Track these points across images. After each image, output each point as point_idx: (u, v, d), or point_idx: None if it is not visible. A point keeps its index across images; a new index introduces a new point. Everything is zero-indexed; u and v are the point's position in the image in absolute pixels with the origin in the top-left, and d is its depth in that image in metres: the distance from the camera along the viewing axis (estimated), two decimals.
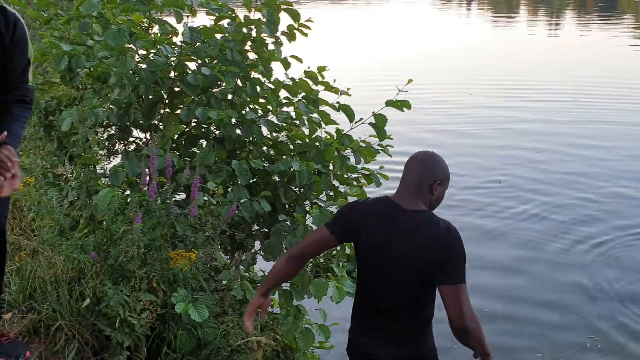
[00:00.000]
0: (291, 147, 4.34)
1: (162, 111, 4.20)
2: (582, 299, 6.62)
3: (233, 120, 4.07)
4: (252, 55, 4.24)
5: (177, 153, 3.93)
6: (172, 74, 4.06)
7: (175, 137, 4.23)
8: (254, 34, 4.19)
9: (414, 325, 2.92)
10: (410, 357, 2.92)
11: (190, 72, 4.01)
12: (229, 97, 4.22)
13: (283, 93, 4.39)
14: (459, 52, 26.84)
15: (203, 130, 4.24)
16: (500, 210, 9.03)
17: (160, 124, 4.18)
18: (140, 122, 4.13)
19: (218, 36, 4.14)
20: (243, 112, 4.16)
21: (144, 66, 3.90)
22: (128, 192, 3.82)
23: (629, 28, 34.47)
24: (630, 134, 13.65)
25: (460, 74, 20.82)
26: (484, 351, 2.83)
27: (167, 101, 4.18)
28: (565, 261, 7.49)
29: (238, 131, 4.05)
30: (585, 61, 23.93)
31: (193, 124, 4.27)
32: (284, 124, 4.34)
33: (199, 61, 4.12)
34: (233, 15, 4.22)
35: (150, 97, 4.07)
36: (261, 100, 4.30)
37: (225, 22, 4.23)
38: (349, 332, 3.07)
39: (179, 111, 4.08)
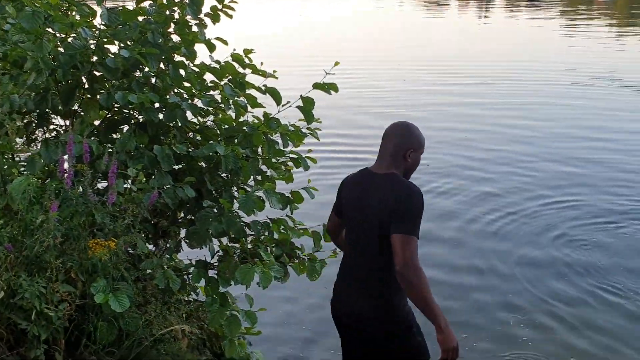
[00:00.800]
0: (218, 131, 4.19)
1: (83, 97, 4.01)
2: (491, 264, 6.84)
3: (156, 104, 3.90)
4: (175, 38, 4.07)
5: (97, 139, 3.74)
6: (93, 58, 3.86)
7: (97, 123, 4.03)
8: (176, 16, 4.02)
9: (378, 275, 3.16)
10: (373, 305, 3.18)
11: (111, 55, 3.82)
12: (153, 80, 4.04)
13: (209, 77, 4.23)
14: (391, 36, 27.05)
15: (125, 115, 4.05)
16: (425, 188, 9.17)
17: (81, 109, 3.98)
18: (60, 108, 3.93)
19: (140, 19, 3.95)
20: (167, 96, 3.99)
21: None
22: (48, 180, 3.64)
23: (554, 16, 35.28)
24: (553, 114, 14.06)
25: (394, 59, 21.06)
26: (431, 314, 2.97)
27: (87, 86, 3.97)
28: (479, 230, 7.73)
29: (160, 115, 3.87)
30: (512, 45, 24.52)
31: (115, 109, 4.08)
32: (210, 108, 4.19)
33: (121, 44, 3.93)
34: None
35: (70, 81, 3.86)
36: (186, 84, 4.13)
37: (147, 4, 4.04)
38: (334, 285, 3.43)
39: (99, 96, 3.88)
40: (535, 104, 15.17)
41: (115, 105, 3.88)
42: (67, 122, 4.08)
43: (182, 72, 4.02)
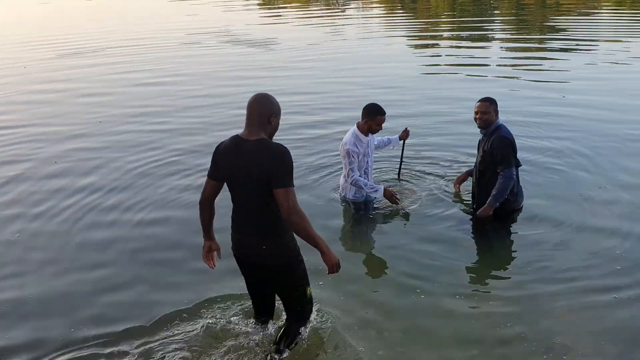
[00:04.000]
0: None
1: None
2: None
3: None
4: None
5: None
6: None
7: None
8: None
9: (267, 222, 3.71)
10: (269, 245, 3.76)
11: None
12: None
13: None
14: None
15: None
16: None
17: None
18: None
19: None
20: None
21: None
22: None
23: None
24: (181, 69, 14.24)
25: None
26: (317, 244, 3.61)
27: None
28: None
29: None
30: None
31: None
32: None
33: None
34: None
35: None
36: None
37: None
38: (231, 236, 3.94)
39: None
40: (166, 63, 15.82)
41: None
42: None
43: None
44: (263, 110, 3.64)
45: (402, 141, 6.96)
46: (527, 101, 10.91)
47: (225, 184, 3.88)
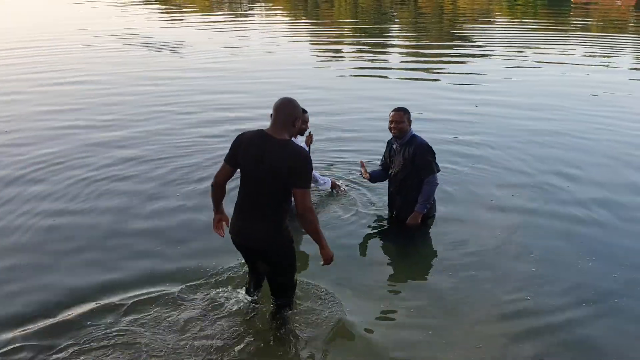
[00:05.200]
0: None
1: None
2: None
3: None
4: None
5: None
6: None
7: None
8: None
9: (271, 212, 4.07)
10: (267, 232, 4.10)
11: None
12: None
13: None
14: None
15: None
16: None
17: None
18: None
19: None
20: None
21: None
22: None
23: None
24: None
25: None
26: (319, 239, 4.05)
27: None
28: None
29: None
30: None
31: None
32: None
33: None
34: None
35: None
36: None
37: None
38: (231, 221, 4.29)
39: None
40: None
41: None
42: None
43: None
44: (290, 113, 4.03)
45: (308, 147, 6.94)
46: (435, 104, 11.07)
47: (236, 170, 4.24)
